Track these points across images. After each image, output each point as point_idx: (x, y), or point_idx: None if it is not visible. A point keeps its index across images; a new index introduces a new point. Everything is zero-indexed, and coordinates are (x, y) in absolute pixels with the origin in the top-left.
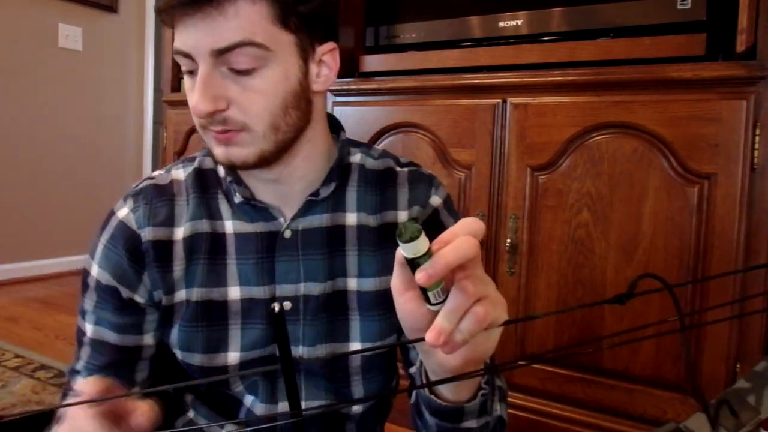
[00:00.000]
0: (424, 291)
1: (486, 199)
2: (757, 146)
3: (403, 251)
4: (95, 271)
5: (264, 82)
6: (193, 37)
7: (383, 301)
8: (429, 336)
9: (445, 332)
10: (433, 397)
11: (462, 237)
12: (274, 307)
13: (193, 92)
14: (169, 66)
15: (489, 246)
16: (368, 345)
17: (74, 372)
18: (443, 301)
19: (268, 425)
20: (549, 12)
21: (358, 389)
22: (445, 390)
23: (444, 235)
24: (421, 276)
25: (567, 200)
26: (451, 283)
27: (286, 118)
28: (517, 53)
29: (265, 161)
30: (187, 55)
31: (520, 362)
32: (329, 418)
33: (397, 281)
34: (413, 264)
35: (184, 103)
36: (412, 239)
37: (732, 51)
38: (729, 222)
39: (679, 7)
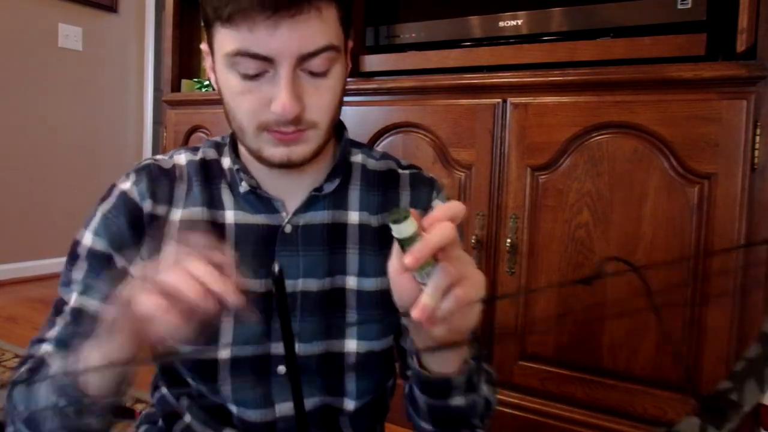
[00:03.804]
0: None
1: (486, 199)
2: (757, 146)
3: (392, 232)
4: (89, 239)
5: (332, 80)
6: (278, 41)
7: (383, 301)
8: (414, 312)
9: (428, 309)
10: (422, 370)
11: (442, 222)
12: (274, 269)
13: (278, 95)
14: (169, 66)
15: (489, 246)
16: (364, 344)
17: (40, 341)
18: None
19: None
20: (549, 12)
21: (351, 386)
22: (433, 364)
23: (429, 216)
24: (409, 260)
25: (567, 200)
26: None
27: (338, 112)
28: (517, 53)
29: (315, 156)
30: (264, 59)
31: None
32: (322, 411)
33: (395, 262)
34: (401, 245)
35: (183, 103)
36: (396, 221)
37: (732, 51)
38: (729, 222)
39: (679, 7)
